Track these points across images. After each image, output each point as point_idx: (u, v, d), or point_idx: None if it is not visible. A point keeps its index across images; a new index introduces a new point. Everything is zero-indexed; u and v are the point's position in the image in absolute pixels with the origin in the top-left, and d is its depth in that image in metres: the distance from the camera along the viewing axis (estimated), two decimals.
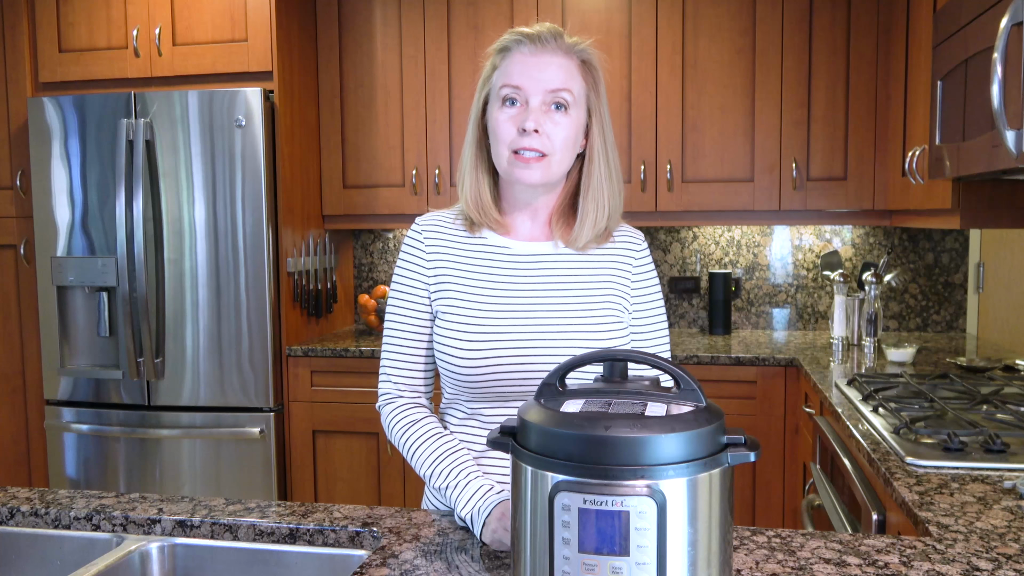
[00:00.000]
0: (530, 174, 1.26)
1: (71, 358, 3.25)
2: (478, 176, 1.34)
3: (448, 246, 1.35)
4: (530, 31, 1.29)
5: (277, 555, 1.23)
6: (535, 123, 1.24)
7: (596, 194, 1.32)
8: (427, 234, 1.36)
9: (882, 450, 1.61)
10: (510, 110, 1.27)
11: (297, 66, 3.27)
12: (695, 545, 0.78)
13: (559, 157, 1.27)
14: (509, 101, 1.27)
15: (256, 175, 3.04)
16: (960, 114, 1.99)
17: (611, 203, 1.34)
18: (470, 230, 1.36)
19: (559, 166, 1.28)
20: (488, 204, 1.33)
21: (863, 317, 2.99)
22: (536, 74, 1.25)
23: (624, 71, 3.22)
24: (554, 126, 1.26)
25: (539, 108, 1.25)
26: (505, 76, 1.27)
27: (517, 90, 1.26)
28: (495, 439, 0.87)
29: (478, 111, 1.34)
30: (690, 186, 3.21)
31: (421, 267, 1.35)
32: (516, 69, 1.27)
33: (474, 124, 1.34)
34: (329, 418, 3.18)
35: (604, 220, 1.33)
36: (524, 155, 1.25)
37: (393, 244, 3.79)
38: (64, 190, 3.17)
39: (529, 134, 1.24)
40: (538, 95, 1.25)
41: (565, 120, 1.27)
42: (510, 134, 1.26)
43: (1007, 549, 1.11)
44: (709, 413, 0.82)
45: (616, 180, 1.35)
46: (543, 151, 1.25)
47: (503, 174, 1.30)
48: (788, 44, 3.12)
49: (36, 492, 1.41)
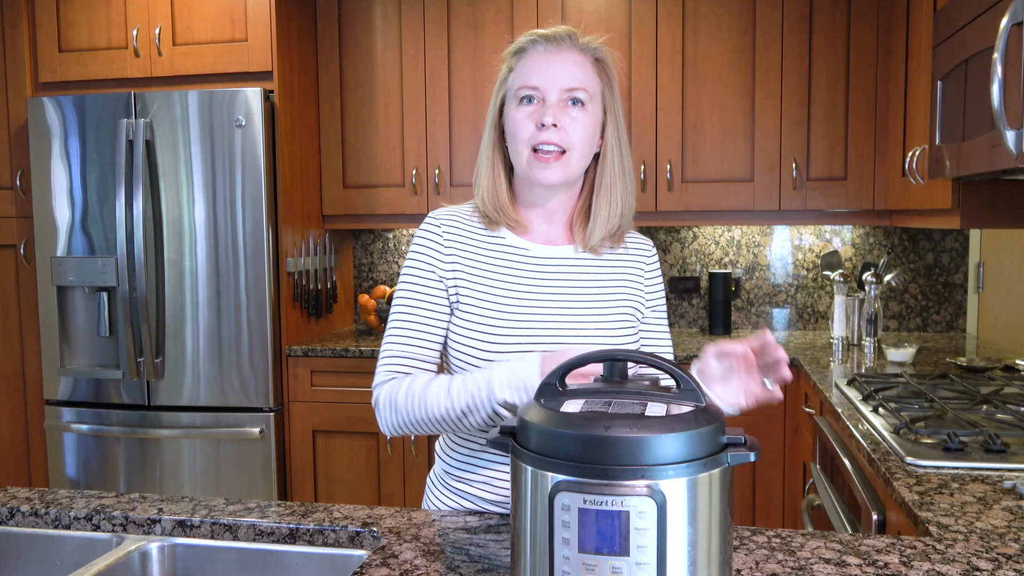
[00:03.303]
0: (549, 174, 1.27)
1: (71, 358, 3.25)
2: (495, 177, 1.34)
3: (465, 240, 1.34)
4: (545, 32, 1.30)
5: (277, 555, 1.23)
6: (553, 117, 1.25)
7: (609, 192, 1.33)
8: (445, 227, 1.34)
9: (882, 450, 1.61)
10: (527, 108, 1.27)
11: (297, 66, 3.27)
12: (695, 545, 0.78)
13: (578, 153, 1.28)
14: (526, 99, 1.28)
15: (256, 175, 3.04)
16: (960, 114, 1.99)
17: (624, 202, 1.34)
18: (488, 227, 1.35)
19: (578, 163, 1.29)
20: (506, 204, 1.34)
21: (863, 317, 2.99)
22: (552, 73, 1.27)
23: (624, 71, 3.21)
24: (572, 121, 1.26)
25: (556, 104, 1.26)
26: (522, 76, 1.29)
27: (535, 89, 1.27)
28: (495, 439, 0.87)
29: (495, 114, 1.35)
30: (690, 186, 3.21)
31: (438, 258, 1.32)
32: (533, 69, 1.28)
33: (491, 126, 1.35)
34: (329, 418, 3.18)
35: (617, 218, 1.34)
36: (543, 154, 1.26)
37: (393, 244, 3.79)
38: (64, 190, 3.17)
39: (548, 128, 1.25)
40: (555, 92, 1.26)
41: (583, 116, 1.27)
42: (528, 130, 1.27)
43: (1007, 549, 1.11)
44: (709, 413, 0.82)
45: (629, 179, 1.36)
46: (562, 146, 1.26)
47: (522, 174, 1.30)
48: (788, 44, 3.12)
49: (36, 492, 1.41)
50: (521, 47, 1.31)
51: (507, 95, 1.32)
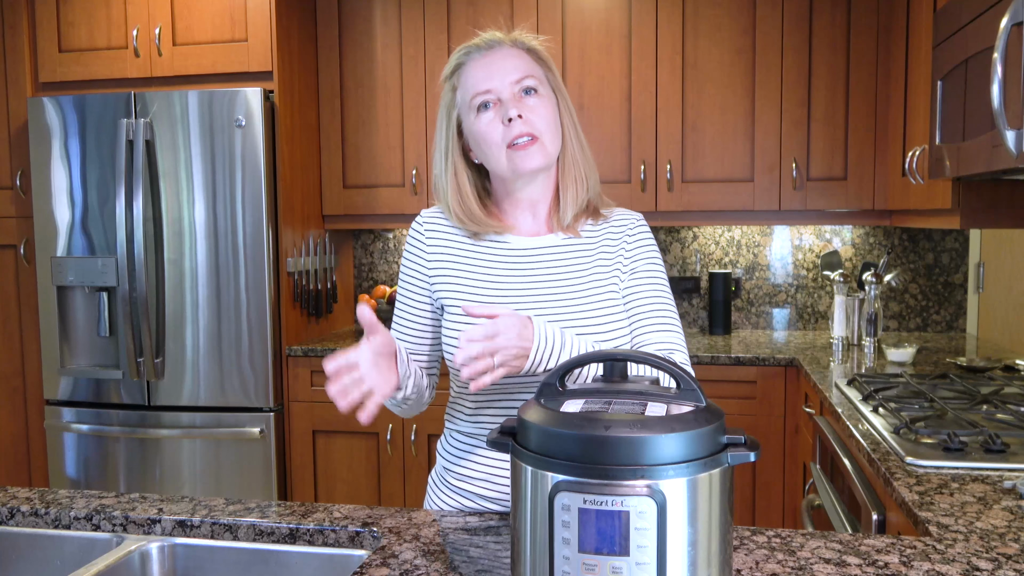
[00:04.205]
0: (530, 160, 1.29)
1: (71, 358, 3.25)
2: (462, 198, 1.36)
3: (449, 243, 1.39)
4: (475, 41, 1.34)
5: (277, 555, 1.23)
6: (516, 110, 1.28)
7: (572, 168, 1.36)
8: (428, 230, 1.40)
9: (882, 450, 1.61)
10: (487, 114, 1.30)
11: (297, 66, 3.27)
12: (695, 545, 0.78)
13: (549, 136, 1.31)
14: (483, 106, 1.30)
15: (256, 175, 3.04)
16: (960, 114, 1.99)
17: (588, 175, 1.38)
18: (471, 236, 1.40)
19: (552, 145, 1.32)
20: (481, 217, 1.36)
21: (863, 317, 2.99)
22: (497, 72, 1.30)
23: (624, 71, 3.22)
24: (532, 109, 1.30)
25: (512, 99, 1.29)
26: (470, 87, 1.31)
27: (487, 93, 1.29)
28: (495, 439, 0.87)
29: (452, 137, 1.35)
30: (690, 186, 3.21)
31: (422, 263, 1.39)
32: (478, 75, 1.30)
33: (448, 151, 1.36)
34: (329, 418, 3.18)
35: (585, 192, 1.37)
36: (519, 144, 1.28)
37: (393, 244, 3.79)
38: (64, 190, 3.17)
39: (515, 121, 1.28)
40: (507, 88, 1.29)
41: (539, 101, 1.31)
42: (498, 132, 1.29)
43: (1007, 549, 1.11)
44: (709, 413, 0.82)
45: (588, 153, 1.39)
46: (533, 133, 1.29)
47: (505, 173, 1.32)
48: (788, 44, 3.12)
49: (36, 492, 1.41)
50: (458, 63, 1.34)
51: (461, 112, 1.34)
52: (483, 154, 1.33)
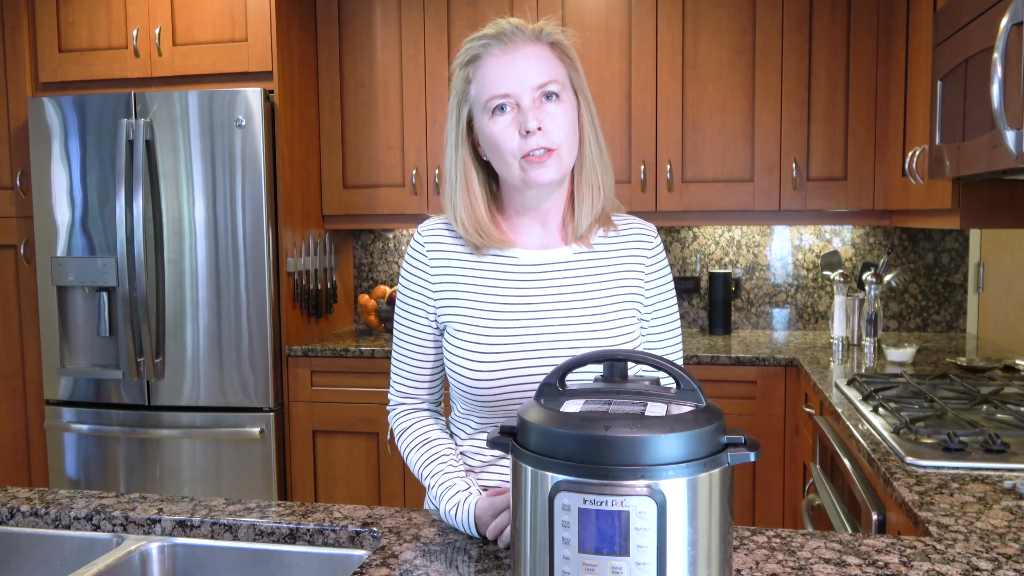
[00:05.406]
0: (545, 172, 1.20)
1: (71, 358, 3.25)
2: (471, 198, 1.27)
3: (453, 259, 1.30)
4: (494, 31, 1.22)
5: (277, 555, 1.23)
6: (536, 121, 1.18)
7: (590, 175, 1.28)
8: (430, 246, 1.31)
9: (882, 450, 1.61)
10: (503, 118, 1.20)
11: (297, 66, 3.27)
12: (695, 545, 0.78)
13: (567, 147, 1.23)
14: (499, 108, 1.20)
15: (256, 175, 3.04)
16: (960, 114, 1.99)
17: (605, 182, 1.30)
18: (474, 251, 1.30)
19: (568, 156, 1.24)
20: (487, 224, 1.27)
21: (863, 317, 2.99)
22: (517, 73, 1.20)
23: (624, 71, 3.22)
24: (552, 118, 1.20)
25: (532, 105, 1.19)
26: (486, 86, 1.21)
27: (505, 97, 1.20)
28: (495, 439, 0.87)
29: (462, 131, 1.26)
30: (690, 186, 3.21)
31: (425, 281, 1.30)
32: (495, 75, 1.20)
33: (458, 144, 1.27)
34: (329, 418, 3.18)
35: (600, 200, 1.29)
36: (534, 156, 1.20)
37: (393, 244, 3.79)
38: (64, 190, 3.17)
39: (533, 134, 1.18)
40: (527, 94, 1.19)
41: (560, 109, 1.21)
42: (514, 140, 1.20)
43: (1007, 549, 1.11)
44: (709, 413, 0.82)
45: (606, 158, 1.31)
46: (550, 147, 1.20)
47: (514, 181, 1.23)
48: (788, 44, 3.12)
49: (36, 492, 1.41)
50: (474, 55, 1.23)
51: (474, 109, 1.24)
52: (494, 158, 1.24)
